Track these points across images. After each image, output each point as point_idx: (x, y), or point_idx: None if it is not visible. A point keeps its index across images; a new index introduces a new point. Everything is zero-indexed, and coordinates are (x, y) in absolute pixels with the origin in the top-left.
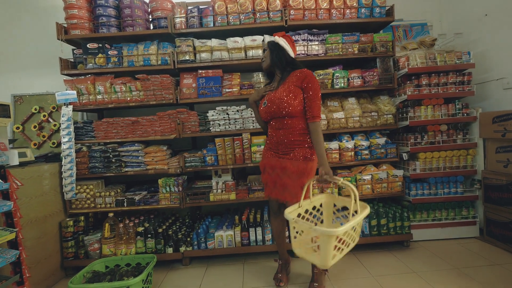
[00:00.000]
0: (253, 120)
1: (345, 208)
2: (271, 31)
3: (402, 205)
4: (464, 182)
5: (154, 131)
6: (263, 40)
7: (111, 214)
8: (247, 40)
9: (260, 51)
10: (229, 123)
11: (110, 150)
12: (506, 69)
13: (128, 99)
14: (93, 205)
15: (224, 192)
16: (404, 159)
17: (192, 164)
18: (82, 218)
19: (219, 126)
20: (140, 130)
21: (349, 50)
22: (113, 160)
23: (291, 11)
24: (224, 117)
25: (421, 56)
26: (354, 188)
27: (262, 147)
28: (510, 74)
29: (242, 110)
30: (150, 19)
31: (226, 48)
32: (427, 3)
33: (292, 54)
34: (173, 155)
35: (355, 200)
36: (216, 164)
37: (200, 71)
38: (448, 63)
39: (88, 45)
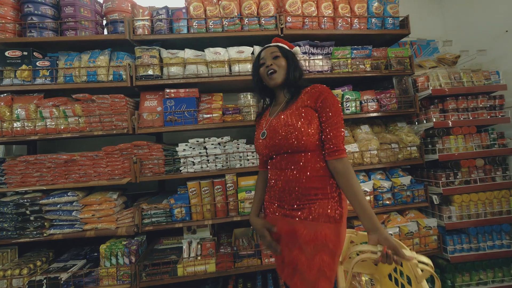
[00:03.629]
0: (240, 157)
1: None
2: (262, 41)
3: (438, 265)
4: (509, 232)
5: (98, 174)
6: (276, 45)
7: None
8: (232, 52)
9: (249, 66)
10: (207, 160)
11: (28, 203)
12: None
13: (62, 127)
14: None
15: (199, 258)
16: (435, 203)
17: (153, 220)
18: None
19: (193, 165)
20: (77, 173)
21: (360, 66)
22: (32, 218)
23: (288, 18)
24: (200, 153)
25: (445, 76)
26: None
27: (253, 192)
28: None
29: (225, 142)
30: (104, 23)
31: (204, 61)
32: (432, 20)
33: None
34: (129, 204)
35: None
36: (188, 219)
37: (168, 91)
38: (476, 84)
39: (7, 53)
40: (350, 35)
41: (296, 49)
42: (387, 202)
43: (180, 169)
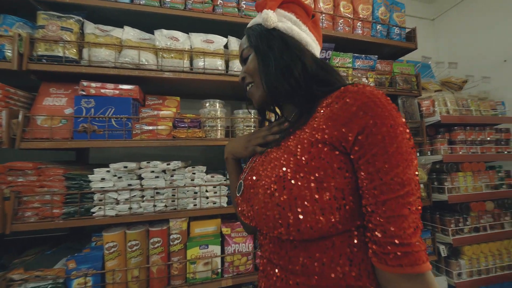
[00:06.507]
0: (195, 192)
1: None
2: (241, 31)
3: None
4: None
5: None
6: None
7: None
8: (197, 40)
9: (219, 61)
10: (142, 197)
11: None
12: None
13: None
14: None
15: None
16: (443, 255)
17: None
18: None
19: (117, 204)
20: None
21: (363, 80)
22: None
23: None
24: (130, 185)
25: (452, 101)
26: None
27: (211, 248)
28: None
29: (173, 170)
30: None
31: (152, 47)
32: (426, 41)
33: (316, 50)
34: (12, 258)
35: None
36: None
37: (86, 84)
38: (483, 114)
39: None
40: (351, 40)
41: (261, 15)
42: None
43: (92, 211)
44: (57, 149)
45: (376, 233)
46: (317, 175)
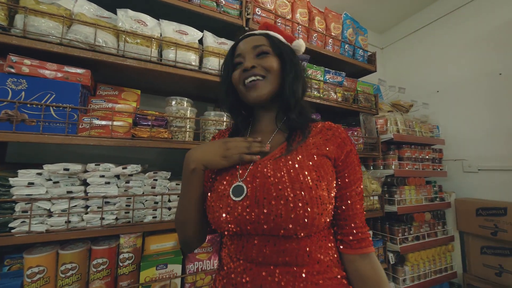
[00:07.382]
0: (156, 203)
1: None
2: (219, 28)
3: None
4: None
5: None
6: (265, 33)
7: None
8: (168, 29)
9: (192, 56)
10: (86, 207)
11: None
12: (465, 150)
13: None
14: None
15: None
16: (391, 262)
17: None
18: None
19: (49, 217)
20: None
21: (332, 94)
22: None
23: (257, 10)
24: (70, 192)
25: (402, 122)
26: None
27: (170, 267)
28: (469, 156)
29: (129, 175)
30: None
31: (113, 28)
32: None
33: None
34: None
35: None
36: None
37: (16, 60)
38: (424, 135)
39: None
40: (322, 55)
41: (299, 43)
42: None
43: (12, 225)
44: None
45: (346, 227)
46: (326, 179)
